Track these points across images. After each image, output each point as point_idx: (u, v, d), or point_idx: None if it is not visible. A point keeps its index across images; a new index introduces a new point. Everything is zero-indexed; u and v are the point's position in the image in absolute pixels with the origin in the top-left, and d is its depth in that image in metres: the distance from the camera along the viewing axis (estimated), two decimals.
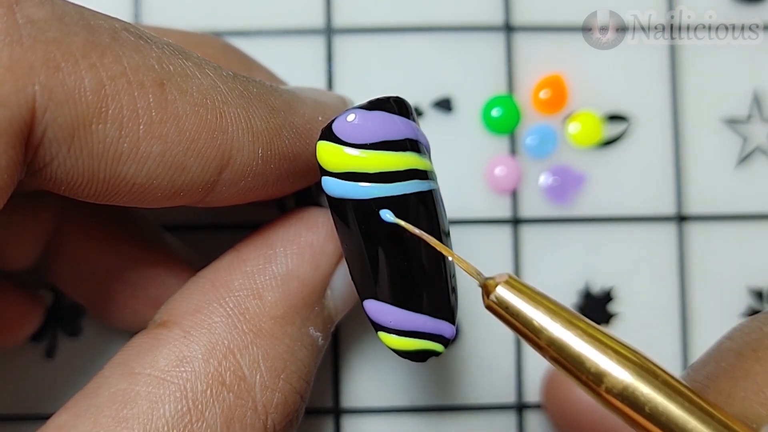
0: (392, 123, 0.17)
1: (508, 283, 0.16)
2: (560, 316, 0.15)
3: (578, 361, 0.15)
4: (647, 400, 0.15)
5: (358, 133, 0.17)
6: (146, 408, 0.16)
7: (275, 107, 0.18)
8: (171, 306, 0.18)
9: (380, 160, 0.17)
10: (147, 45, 0.16)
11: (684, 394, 0.15)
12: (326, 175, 0.18)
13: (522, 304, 0.16)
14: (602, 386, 0.15)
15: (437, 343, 0.19)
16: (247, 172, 0.17)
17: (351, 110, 0.17)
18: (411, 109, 0.18)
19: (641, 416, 0.15)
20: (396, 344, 0.18)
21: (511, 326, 0.16)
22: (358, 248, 0.18)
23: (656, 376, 0.15)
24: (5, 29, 0.14)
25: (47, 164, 0.15)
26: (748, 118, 0.26)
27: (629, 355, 0.15)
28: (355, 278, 0.19)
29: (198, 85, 0.17)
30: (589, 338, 0.15)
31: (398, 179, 0.17)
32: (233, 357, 0.17)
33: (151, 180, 0.16)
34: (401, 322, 0.18)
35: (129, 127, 0.16)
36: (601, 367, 0.15)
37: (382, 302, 0.18)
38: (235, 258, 0.19)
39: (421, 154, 0.18)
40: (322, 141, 0.17)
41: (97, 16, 0.16)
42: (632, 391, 0.15)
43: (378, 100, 0.18)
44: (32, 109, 0.15)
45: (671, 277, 0.25)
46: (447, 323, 0.19)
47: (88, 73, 0.15)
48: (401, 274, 0.18)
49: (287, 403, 0.18)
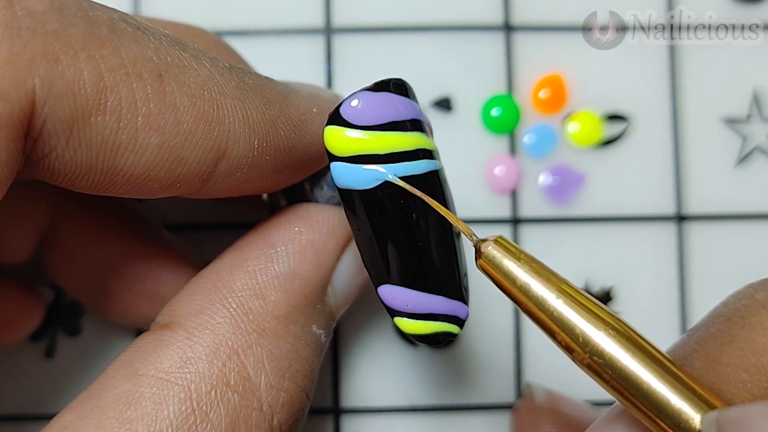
0: (396, 104, 0.18)
1: (497, 243, 0.16)
2: (543, 276, 0.16)
3: (558, 320, 0.16)
4: (619, 361, 0.15)
5: (365, 116, 0.17)
6: (150, 409, 0.16)
7: (271, 99, 0.18)
8: (174, 307, 0.18)
9: (389, 141, 0.17)
10: (145, 36, 0.16)
11: (659, 361, 0.15)
12: (335, 160, 0.17)
13: (509, 262, 0.16)
14: (579, 347, 0.15)
15: (453, 324, 0.19)
16: (243, 163, 0.17)
17: (355, 94, 0.17)
18: (411, 90, 0.18)
19: (613, 378, 0.15)
20: (413, 328, 0.18)
21: (498, 284, 0.16)
22: (368, 233, 0.18)
23: (631, 339, 0.15)
24: (5, 22, 0.14)
25: (45, 156, 0.15)
26: (747, 117, 0.26)
27: (608, 320, 0.16)
28: (368, 265, 0.18)
29: (195, 76, 0.17)
30: (569, 299, 0.16)
31: (407, 159, 0.17)
32: (237, 357, 0.17)
33: (149, 171, 0.16)
34: (416, 305, 0.18)
35: (127, 118, 0.16)
36: (579, 329, 0.15)
37: (396, 286, 0.18)
38: (236, 257, 0.19)
39: (425, 134, 0.18)
40: (330, 126, 0.17)
41: (95, 6, 0.16)
42: (608, 353, 0.15)
43: (380, 83, 0.18)
44: (32, 102, 0.15)
45: (671, 277, 0.25)
46: (461, 304, 0.19)
47: (87, 65, 0.15)
48: (413, 257, 0.18)
49: (293, 402, 0.18)
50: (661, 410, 0.15)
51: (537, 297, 0.16)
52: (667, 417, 0.15)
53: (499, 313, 0.25)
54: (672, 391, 0.15)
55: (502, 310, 0.25)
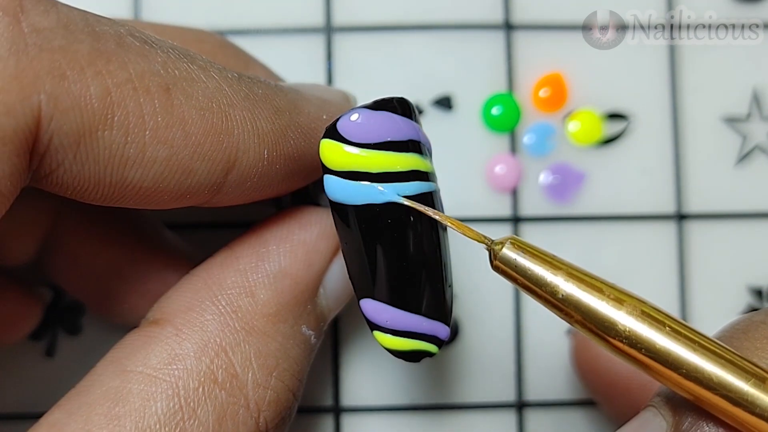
0: (395, 124, 0.18)
1: (513, 244, 0.17)
2: (565, 271, 0.16)
3: (585, 312, 0.16)
4: (654, 345, 0.16)
5: (362, 133, 0.17)
6: (138, 406, 0.16)
7: (280, 108, 0.18)
8: (164, 304, 0.18)
9: (383, 160, 0.17)
10: (152, 50, 0.16)
11: (687, 336, 0.16)
12: (328, 173, 0.18)
13: (528, 263, 0.16)
14: (613, 335, 0.16)
15: (431, 344, 0.19)
16: (253, 174, 0.17)
17: (355, 110, 0.17)
18: (414, 110, 0.18)
19: (654, 361, 0.16)
20: (391, 344, 0.19)
21: (518, 284, 0.17)
22: (357, 247, 0.18)
23: (662, 323, 0.16)
24: (11, 38, 0.14)
25: (53, 171, 0.16)
26: (747, 116, 0.26)
27: (636, 304, 0.16)
28: (353, 277, 0.19)
29: (203, 88, 0.17)
30: (593, 289, 0.16)
31: (400, 180, 0.18)
32: (225, 355, 0.17)
33: (158, 184, 0.16)
34: (397, 322, 0.18)
35: (135, 133, 0.16)
36: (610, 317, 0.16)
37: (378, 302, 0.18)
38: (228, 256, 0.19)
39: (423, 156, 0.18)
40: (326, 139, 0.17)
41: (102, 21, 0.16)
42: (640, 337, 0.16)
43: (382, 101, 0.18)
44: (38, 117, 0.15)
45: (671, 276, 0.25)
46: (442, 324, 0.19)
47: (94, 80, 0.15)
48: (399, 274, 0.18)
49: (279, 401, 0.18)
50: (712, 384, 0.15)
51: (561, 292, 0.16)
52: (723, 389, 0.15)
53: (499, 312, 0.25)
54: (715, 365, 0.15)
55: (502, 309, 0.25)
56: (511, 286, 0.25)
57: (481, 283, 0.25)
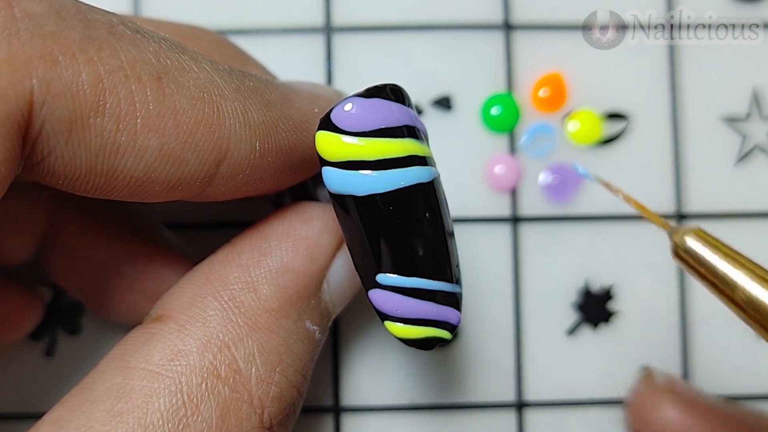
0: (390, 110, 0.17)
1: (697, 234, 0.16)
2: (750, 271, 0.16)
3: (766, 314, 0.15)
4: None
5: (357, 122, 0.17)
6: (141, 402, 0.16)
7: (271, 100, 0.18)
8: (166, 300, 0.18)
9: (380, 148, 0.17)
10: (144, 39, 0.16)
11: None
12: (326, 165, 0.18)
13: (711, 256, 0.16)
14: None
15: (444, 330, 0.19)
16: (244, 166, 0.17)
17: (348, 99, 0.17)
18: (407, 96, 0.18)
19: None
20: (402, 333, 0.18)
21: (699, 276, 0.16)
22: (360, 237, 0.18)
23: None
24: (3, 23, 0.14)
25: (45, 158, 0.15)
26: (747, 116, 0.26)
27: None
28: (359, 267, 0.18)
29: (195, 79, 0.17)
30: None
31: (399, 165, 0.17)
32: (228, 350, 0.17)
33: (149, 173, 0.16)
34: (407, 310, 0.18)
35: (126, 120, 0.16)
36: None
37: (386, 291, 0.18)
38: (230, 251, 0.19)
39: (419, 141, 0.18)
40: (321, 131, 0.17)
41: (94, 10, 0.16)
42: None
43: (374, 88, 0.18)
44: (30, 102, 0.15)
45: (671, 275, 0.25)
46: (453, 309, 0.19)
47: (86, 67, 0.15)
48: (405, 263, 0.18)
49: (283, 396, 0.18)
50: None
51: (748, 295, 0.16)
52: None
53: (498, 311, 0.25)
54: None
55: (502, 308, 0.25)
56: (510, 286, 0.25)
57: (481, 283, 0.25)
